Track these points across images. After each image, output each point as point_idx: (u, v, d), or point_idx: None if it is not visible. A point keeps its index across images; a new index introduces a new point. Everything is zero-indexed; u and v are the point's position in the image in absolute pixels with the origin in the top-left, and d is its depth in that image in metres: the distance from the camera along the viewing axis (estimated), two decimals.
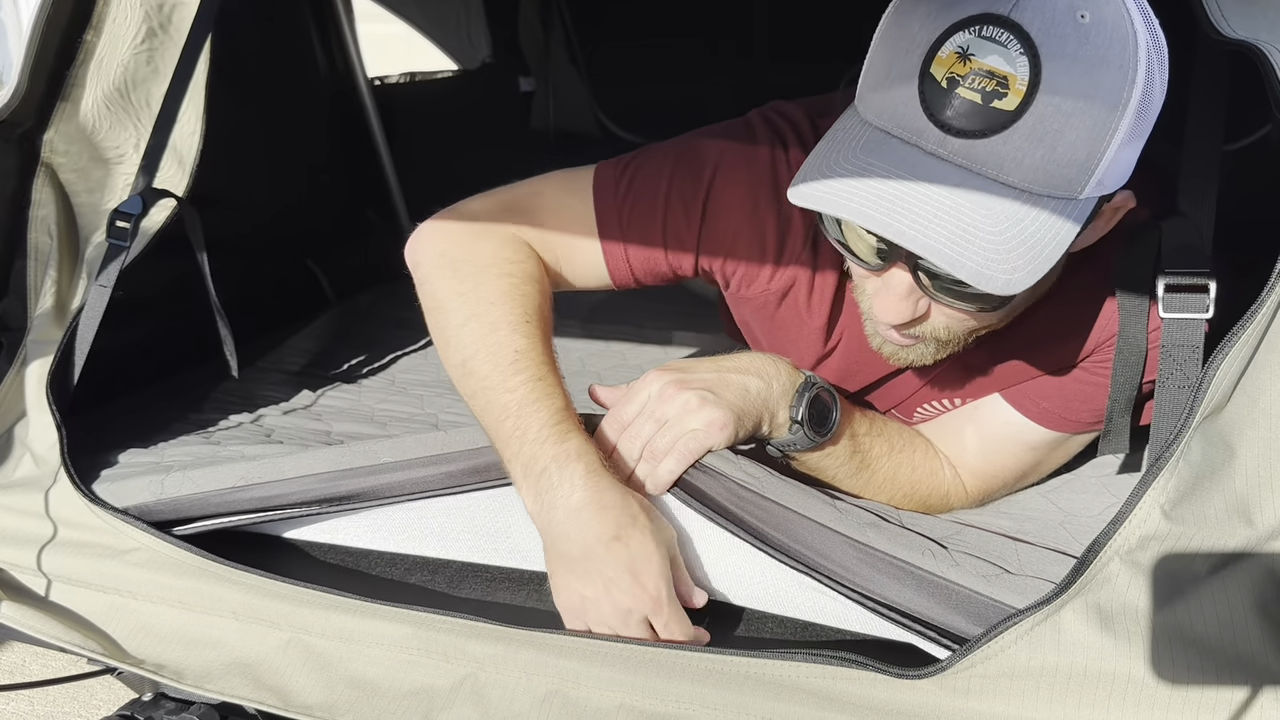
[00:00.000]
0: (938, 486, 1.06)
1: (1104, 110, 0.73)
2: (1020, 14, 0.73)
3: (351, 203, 2.24)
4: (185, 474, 1.09)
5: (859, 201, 0.77)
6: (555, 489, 0.87)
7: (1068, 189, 0.76)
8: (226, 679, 0.98)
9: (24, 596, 1.09)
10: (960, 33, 0.74)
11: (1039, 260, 0.76)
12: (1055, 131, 0.73)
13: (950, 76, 0.74)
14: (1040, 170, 0.75)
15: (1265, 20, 0.88)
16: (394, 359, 1.76)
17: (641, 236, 1.03)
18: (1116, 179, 0.79)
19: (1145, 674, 0.75)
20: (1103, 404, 1.00)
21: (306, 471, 1.04)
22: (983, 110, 0.74)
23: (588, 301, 2.03)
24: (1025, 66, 0.73)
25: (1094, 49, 0.72)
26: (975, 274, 0.76)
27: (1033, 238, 0.76)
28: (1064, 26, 0.72)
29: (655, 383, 0.92)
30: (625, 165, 1.05)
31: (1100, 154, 0.75)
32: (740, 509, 0.89)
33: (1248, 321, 0.74)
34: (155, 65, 1.19)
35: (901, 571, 0.86)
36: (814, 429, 0.95)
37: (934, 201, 0.76)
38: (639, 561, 0.86)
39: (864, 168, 0.78)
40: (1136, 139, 0.78)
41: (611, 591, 0.86)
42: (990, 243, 0.75)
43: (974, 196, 0.76)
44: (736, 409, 0.90)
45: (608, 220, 1.03)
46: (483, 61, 2.91)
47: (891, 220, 0.76)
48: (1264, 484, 0.73)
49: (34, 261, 1.20)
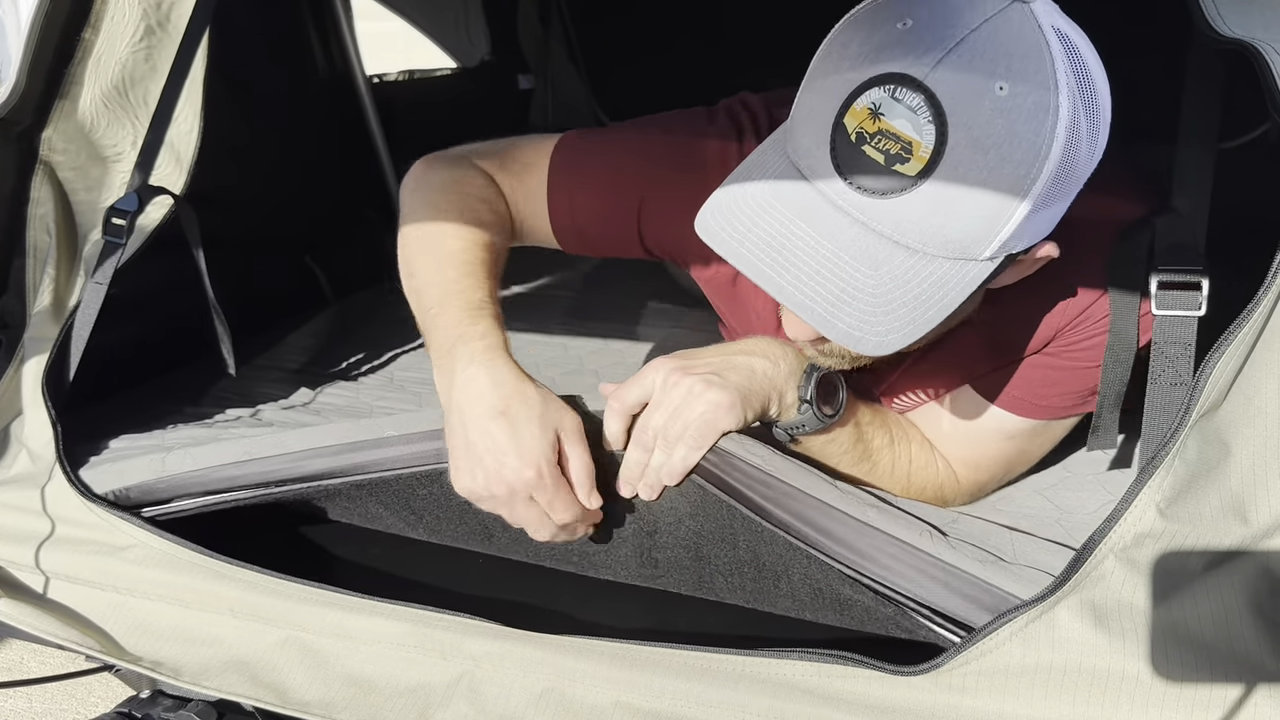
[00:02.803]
0: (933, 478, 1.07)
1: (1006, 188, 0.72)
2: (936, 79, 0.71)
3: (350, 200, 2.24)
4: (187, 451, 1.09)
5: (748, 248, 0.78)
6: (455, 363, 0.91)
7: (964, 253, 0.76)
8: (224, 676, 0.98)
9: (22, 594, 1.09)
10: (876, 88, 0.73)
11: (919, 321, 0.76)
12: (952, 200, 0.73)
13: (859, 131, 0.74)
14: (937, 236, 0.75)
15: (1261, 19, 0.87)
16: (392, 357, 1.76)
17: (588, 197, 1.09)
18: (1031, 238, 0.78)
19: (1140, 671, 0.75)
20: (1072, 388, 1.00)
21: (311, 445, 1.04)
22: (884, 172, 0.73)
23: (585, 300, 2.04)
24: (931, 135, 0.72)
25: (1006, 124, 0.71)
26: (845, 335, 0.76)
27: (917, 298, 0.76)
28: (979, 98, 0.71)
29: (660, 370, 0.92)
30: (590, 133, 1.12)
31: (1002, 225, 0.74)
32: (743, 485, 0.89)
33: (1244, 319, 0.74)
34: (153, 63, 1.19)
35: (900, 549, 0.86)
36: (822, 408, 0.95)
37: (820, 256, 0.76)
38: (522, 439, 0.87)
39: (766, 207, 0.79)
40: (1056, 202, 0.76)
41: (499, 468, 0.88)
42: (868, 303, 0.76)
43: (864, 254, 0.76)
44: (743, 389, 0.90)
45: (558, 177, 1.09)
46: (481, 59, 2.91)
47: (775, 275, 0.77)
48: (1259, 482, 0.73)
49: (32, 259, 1.20)
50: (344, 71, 2.29)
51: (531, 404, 0.89)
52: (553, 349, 1.80)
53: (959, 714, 0.79)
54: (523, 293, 2.12)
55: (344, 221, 2.19)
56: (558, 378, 1.63)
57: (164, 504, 1.09)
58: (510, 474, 0.88)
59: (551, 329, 1.88)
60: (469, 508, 1.03)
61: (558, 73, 3.03)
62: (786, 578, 0.94)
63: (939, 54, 0.71)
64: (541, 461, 0.88)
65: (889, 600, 0.87)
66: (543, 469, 0.88)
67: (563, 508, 0.90)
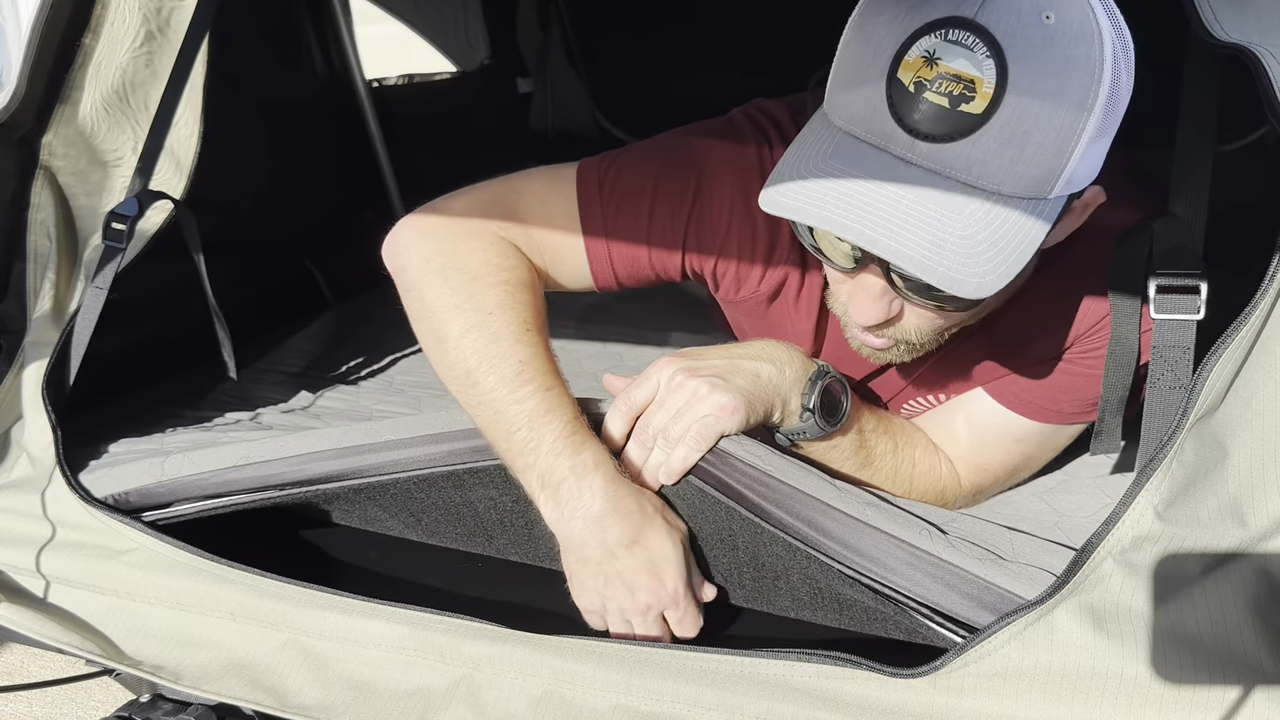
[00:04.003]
0: (935, 482, 1.07)
1: (1071, 110, 0.73)
2: (985, 17, 0.73)
3: (350, 204, 2.24)
4: (186, 455, 1.09)
5: (830, 208, 0.78)
6: (575, 499, 0.90)
7: (1037, 189, 0.76)
8: (224, 680, 0.98)
9: (22, 598, 1.09)
10: (926, 36, 0.74)
11: (1010, 262, 0.77)
12: (1023, 133, 0.74)
13: (917, 81, 0.74)
14: (1009, 172, 0.75)
15: (1258, 23, 0.88)
16: (392, 361, 1.76)
17: (626, 237, 1.02)
18: (1085, 176, 0.79)
19: (1139, 673, 0.75)
20: (1085, 395, 1.00)
21: (309, 449, 1.04)
22: (950, 114, 0.74)
23: (583, 302, 2.04)
24: (991, 69, 0.73)
25: (1059, 50, 0.73)
26: (948, 279, 0.76)
27: (1004, 239, 0.76)
28: (1029, 28, 0.72)
29: (666, 369, 0.92)
30: (610, 163, 1.04)
31: (1069, 153, 0.75)
32: (742, 485, 0.90)
33: (1241, 323, 0.74)
34: (154, 68, 1.20)
35: (899, 548, 0.86)
36: (825, 418, 0.95)
37: (904, 206, 0.76)
38: (659, 562, 0.90)
39: (834, 173, 0.78)
40: (1104, 135, 0.78)
41: (634, 591, 0.90)
42: (962, 247, 0.76)
43: (944, 200, 0.76)
44: (748, 394, 0.91)
45: (592, 220, 1.02)
46: (481, 63, 2.91)
47: (863, 228, 0.77)
48: (1257, 485, 0.73)
49: (33, 264, 1.21)
50: (344, 75, 2.30)
51: (659, 528, 0.90)
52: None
53: (958, 716, 0.79)
54: None
55: (344, 225, 2.19)
56: None
57: (163, 508, 1.09)
58: (649, 598, 0.90)
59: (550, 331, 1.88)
60: (468, 510, 1.04)
61: (557, 76, 3.03)
62: (786, 578, 0.95)
63: None
64: (680, 585, 0.91)
65: (889, 599, 0.87)
66: (680, 593, 0.91)
67: (693, 624, 0.93)
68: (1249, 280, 0.75)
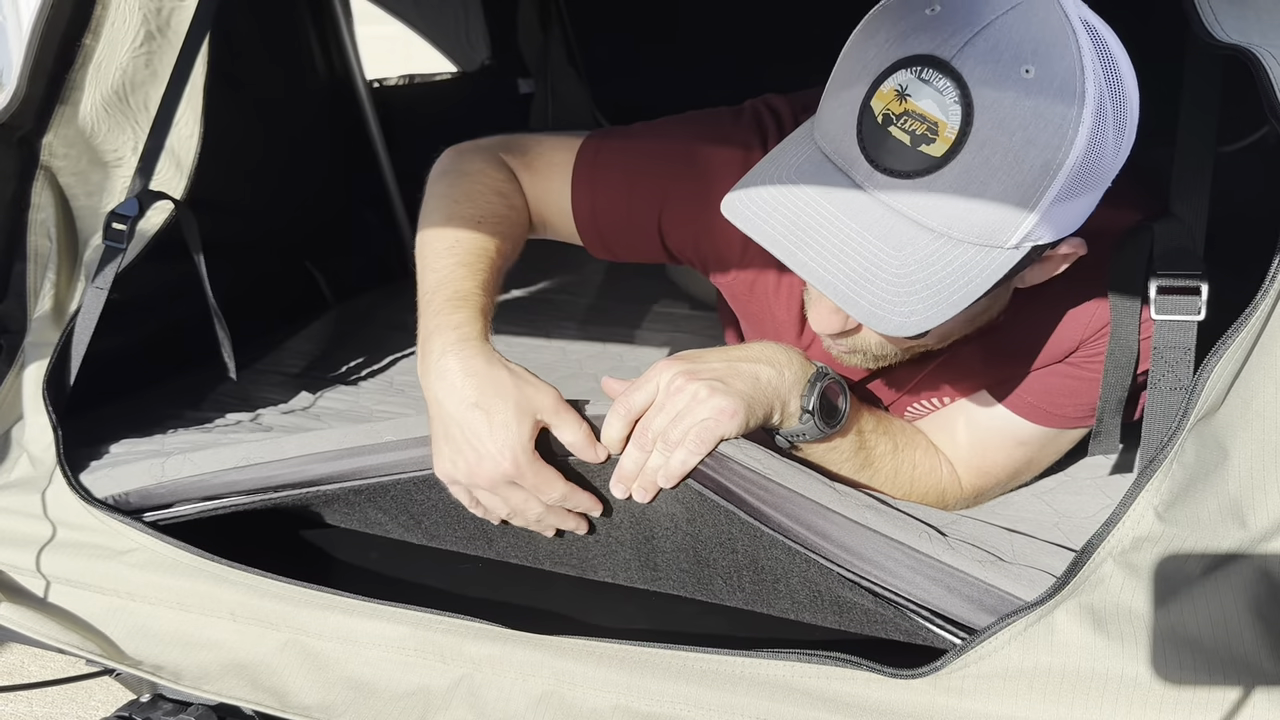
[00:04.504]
0: (935, 484, 1.07)
1: (1035, 169, 0.72)
2: (962, 61, 0.72)
3: (350, 205, 2.24)
4: (186, 456, 1.09)
5: (773, 223, 0.78)
6: (431, 353, 0.92)
7: (990, 238, 0.76)
8: (224, 680, 0.99)
9: (23, 598, 1.09)
10: (903, 70, 0.73)
11: (943, 305, 0.76)
12: (980, 183, 0.73)
13: (886, 113, 0.74)
14: (961, 219, 0.75)
15: (1258, 24, 0.88)
16: (392, 361, 1.76)
17: (609, 205, 1.09)
18: (1060, 229, 0.78)
19: (1139, 674, 0.75)
20: (1089, 399, 1.00)
21: (310, 450, 1.04)
22: (910, 152, 0.74)
23: (584, 304, 2.04)
24: (957, 115, 0.72)
25: (1032, 105, 0.71)
26: (869, 314, 0.76)
27: (941, 282, 0.76)
28: (1005, 80, 0.71)
29: (665, 372, 0.92)
30: (610, 140, 1.12)
31: (1030, 208, 0.74)
32: (741, 488, 0.89)
33: (1242, 324, 0.74)
34: (154, 69, 1.20)
35: (899, 551, 0.86)
36: (824, 419, 0.95)
37: (845, 234, 0.76)
38: (496, 429, 0.88)
39: (792, 188, 0.79)
40: (1082, 194, 0.76)
41: (478, 459, 0.89)
42: (891, 284, 0.76)
43: (888, 234, 0.76)
44: (747, 397, 0.91)
45: (581, 181, 1.10)
46: (481, 63, 2.91)
47: (797, 249, 0.77)
48: (1257, 486, 0.73)
49: (33, 264, 1.21)
50: (344, 76, 2.29)
51: (505, 391, 0.90)
52: (551, 353, 1.80)
53: (958, 717, 0.79)
54: (522, 296, 2.12)
55: (344, 225, 2.19)
56: (556, 382, 1.63)
57: (164, 509, 1.09)
58: (489, 465, 0.89)
59: (550, 333, 1.89)
60: (468, 511, 1.04)
61: (558, 77, 3.03)
62: (785, 580, 0.95)
63: (966, 36, 0.72)
64: (517, 449, 0.89)
65: (888, 602, 0.87)
66: (519, 457, 0.89)
67: (547, 489, 0.91)
68: (1249, 281, 0.75)
